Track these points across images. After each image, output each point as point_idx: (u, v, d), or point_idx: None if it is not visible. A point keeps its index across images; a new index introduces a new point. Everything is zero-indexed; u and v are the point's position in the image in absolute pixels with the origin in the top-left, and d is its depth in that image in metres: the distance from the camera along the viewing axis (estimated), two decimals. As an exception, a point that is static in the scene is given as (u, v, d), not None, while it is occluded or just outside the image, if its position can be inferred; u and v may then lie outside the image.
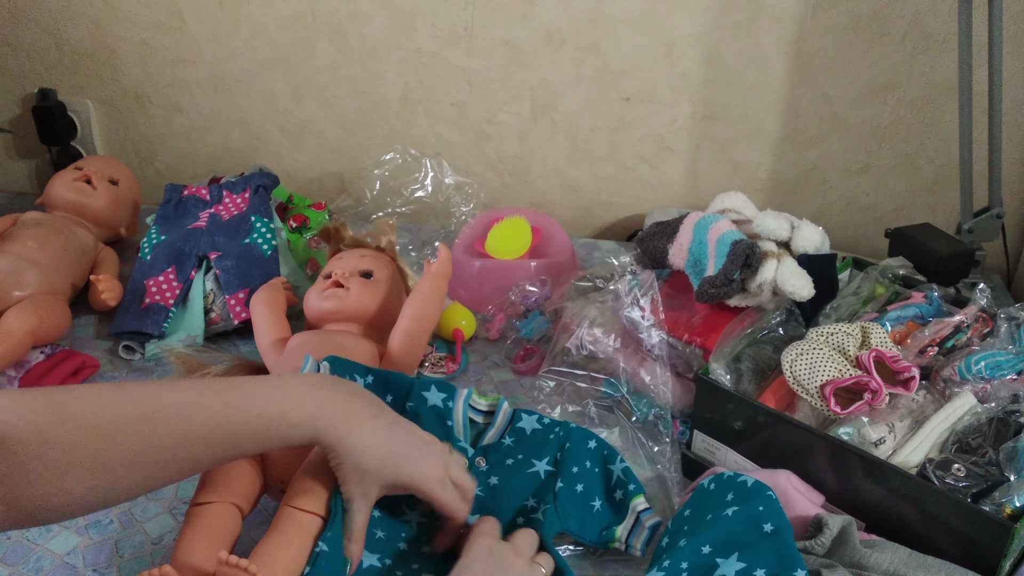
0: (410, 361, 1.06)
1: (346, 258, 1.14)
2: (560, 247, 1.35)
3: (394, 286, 1.13)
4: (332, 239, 1.21)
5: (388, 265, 1.15)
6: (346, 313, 1.08)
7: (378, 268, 1.13)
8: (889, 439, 0.85)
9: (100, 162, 1.39)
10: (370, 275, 1.11)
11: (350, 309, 1.08)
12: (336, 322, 1.08)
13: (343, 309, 1.07)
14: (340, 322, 1.08)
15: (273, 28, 1.50)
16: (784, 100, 1.44)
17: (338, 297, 1.07)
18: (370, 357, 1.03)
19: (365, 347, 1.04)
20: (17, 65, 1.60)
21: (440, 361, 1.17)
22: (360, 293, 1.08)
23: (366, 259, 1.13)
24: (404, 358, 1.05)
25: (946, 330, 0.95)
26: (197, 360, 1.03)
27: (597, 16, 1.41)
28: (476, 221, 1.38)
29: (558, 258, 1.31)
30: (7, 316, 1.09)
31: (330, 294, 1.08)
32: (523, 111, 1.52)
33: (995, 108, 1.18)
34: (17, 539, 0.88)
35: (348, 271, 1.10)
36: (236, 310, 1.19)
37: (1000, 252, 1.43)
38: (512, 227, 1.31)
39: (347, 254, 1.16)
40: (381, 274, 1.12)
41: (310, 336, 1.06)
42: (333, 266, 1.12)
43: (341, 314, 1.08)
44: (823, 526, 0.78)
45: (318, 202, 1.41)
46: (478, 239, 1.34)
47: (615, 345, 1.06)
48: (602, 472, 0.91)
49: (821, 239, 1.02)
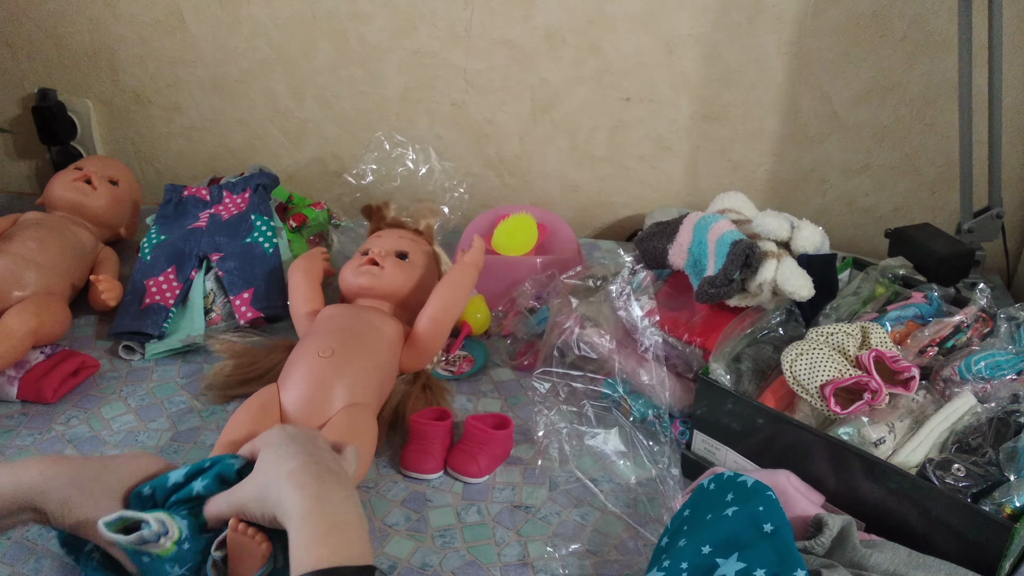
0: (433, 346, 1.11)
1: (385, 237, 1.18)
2: (566, 244, 1.36)
3: (428, 269, 1.17)
4: (374, 217, 1.25)
5: (424, 248, 1.19)
6: (378, 291, 1.12)
7: (414, 250, 1.17)
8: (889, 439, 0.85)
9: (100, 162, 1.40)
10: (405, 256, 1.16)
11: (383, 287, 1.12)
12: (368, 298, 1.12)
13: (376, 286, 1.12)
14: (372, 299, 1.12)
15: (273, 28, 1.50)
16: (784, 100, 1.44)
17: (372, 274, 1.12)
18: (396, 336, 1.08)
19: (392, 326, 1.09)
20: (17, 65, 1.60)
21: (456, 360, 1.18)
22: (394, 273, 1.13)
23: (404, 240, 1.18)
24: (427, 343, 1.09)
25: (946, 330, 0.95)
26: (242, 345, 1.09)
27: (597, 16, 1.41)
28: (482, 218, 1.39)
29: (564, 254, 1.32)
30: (7, 316, 1.09)
31: (365, 270, 1.12)
32: (523, 111, 1.52)
33: (995, 108, 1.18)
34: (17, 539, 0.88)
35: (385, 250, 1.14)
36: (241, 310, 1.19)
37: (1000, 252, 1.43)
38: (518, 224, 1.33)
39: (386, 233, 1.20)
40: (416, 256, 1.16)
41: (341, 310, 1.10)
42: (371, 243, 1.17)
43: (373, 291, 1.12)
44: (823, 526, 0.78)
45: (318, 202, 1.41)
46: (484, 236, 1.35)
47: (610, 345, 1.06)
48: None
49: (821, 239, 1.02)
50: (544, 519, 0.94)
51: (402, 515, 0.94)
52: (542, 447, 1.02)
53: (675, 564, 0.72)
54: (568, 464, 1.00)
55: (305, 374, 0.99)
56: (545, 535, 0.92)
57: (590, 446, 1.03)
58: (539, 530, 0.92)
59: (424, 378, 1.11)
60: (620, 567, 0.88)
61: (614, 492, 0.97)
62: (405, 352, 1.10)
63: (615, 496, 0.97)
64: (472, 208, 1.48)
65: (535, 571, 0.87)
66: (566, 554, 0.89)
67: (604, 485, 0.98)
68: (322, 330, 1.06)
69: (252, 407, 0.96)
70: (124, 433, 1.03)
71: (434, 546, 0.90)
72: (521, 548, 0.90)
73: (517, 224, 1.33)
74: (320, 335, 1.05)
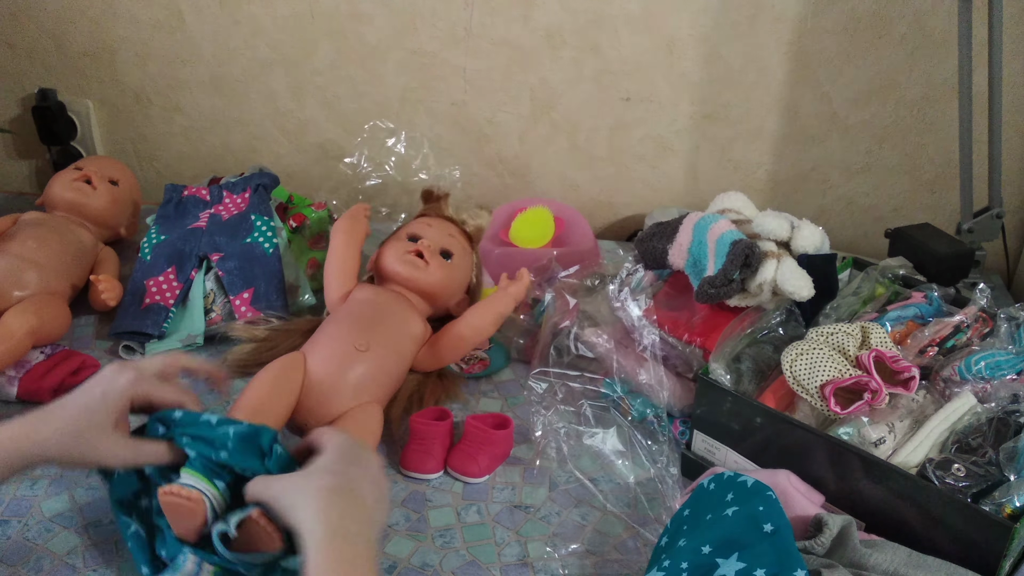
0: (453, 358, 1.12)
1: (435, 228, 1.17)
2: (582, 236, 1.38)
3: (463, 274, 1.18)
4: (431, 201, 1.25)
5: (467, 249, 1.19)
6: (417, 285, 1.12)
7: (459, 252, 1.17)
8: (889, 439, 0.85)
9: (100, 162, 1.39)
10: (450, 256, 1.15)
11: (422, 283, 1.12)
12: (402, 287, 1.13)
13: (416, 280, 1.12)
14: (407, 289, 1.13)
15: (273, 28, 1.50)
16: (784, 100, 1.44)
17: (416, 267, 1.12)
18: (421, 337, 1.10)
19: (419, 327, 1.10)
20: (17, 65, 1.60)
21: (472, 360, 1.18)
22: (437, 272, 1.13)
23: (452, 240, 1.17)
24: (447, 354, 1.11)
25: (946, 330, 0.95)
26: (262, 329, 1.11)
27: (597, 16, 1.41)
28: (500, 210, 1.41)
29: (580, 247, 1.33)
30: (7, 316, 1.09)
31: (410, 260, 1.12)
32: (523, 111, 1.52)
33: (995, 108, 1.18)
34: (17, 539, 0.88)
35: (435, 245, 1.14)
36: (241, 310, 1.19)
37: (1000, 252, 1.43)
38: (535, 217, 1.35)
39: (438, 225, 1.19)
40: (459, 259, 1.17)
41: (376, 295, 1.11)
42: (420, 230, 1.16)
43: (412, 283, 1.12)
44: (823, 526, 0.78)
45: (318, 202, 1.41)
46: (502, 228, 1.37)
47: (608, 345, 1.06)
48: None
49: (821, 239, 1.02)
50: (544, 519, 0.94)
51: (402, 515, 0.94)
52: (540, 447, 1.02)
53: (675, 564, 0.72)
54: (567, 464, 1.00)
55: (336, 358, 1.01)
56: (545, 535, 0.92)
57: (588, 446, 1.03)
58: (539, 530, 0.92)
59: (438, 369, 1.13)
60: (620, 567, 0.88)
61: (614, 492, 0.97)
62: (424, 354, 1.11)
63: (615, 496, 0.97)
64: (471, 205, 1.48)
65: (535, 571, 0.87)
66: (566, 554, 0.89)
67: (604, 485, 0.98)
68: (357, 315, 1.07)
69: (275, 369, 0.99)
70: (124, 433, 1.03)
71: (434, 546, 0.90)
72: (521, 548, 0.90)
73: (534, 217, 1.35)
74: (356, 323, 1.06)
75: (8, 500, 0.92)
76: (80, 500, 0.93)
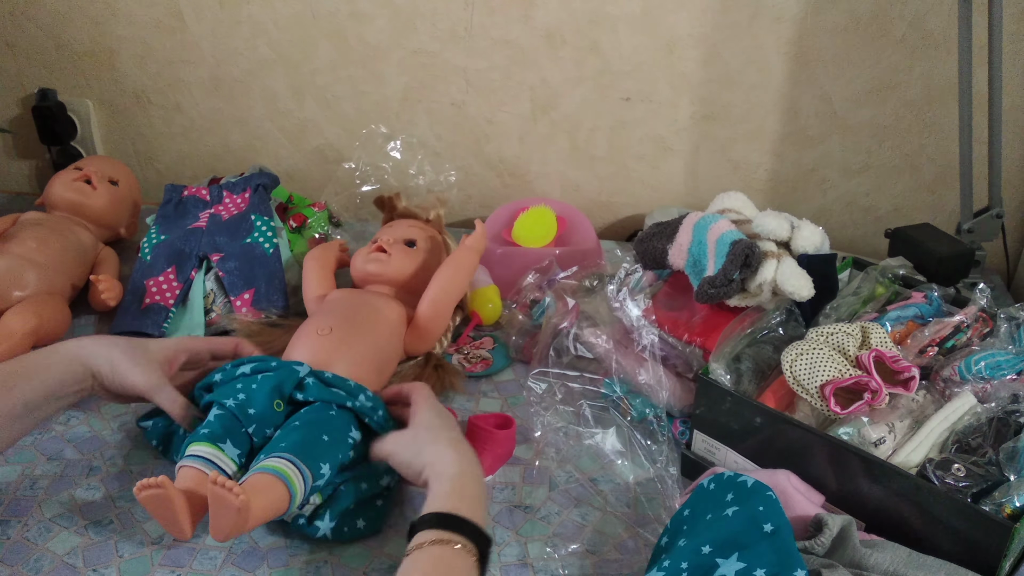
0: (434, 327, 1.14)
1: (396, 227, 1.24)
2: (585, 236, 1.38)
3: (434, 256, 1.21)
4: (386, 208, 1.31)
5: (433, 236, 1.24)
6: (385, 277, 1.16)
7: (422, 238, 1.21)
8: (889, 439, 0.85)
9: (100, 162, 1.39)
10: (414, 244, 1.20)
11: (389, 273, 1.16)
12: (377, 284, 1.17)
13: (383, 273, 1.16)
14: (380, 284, 1.17)
15: (273, 28, 1.50)
16: (784, 100, 1.44)
17: (380, 261, 1.17)
18: (398, 318, 1.12)
19: (395, 309, 1.13)
20: (17, 65, 1.60)
21: (474, 359, 1.18)
22: (401, 259, 1.17)
23: (413, 229, 1.22)
24: (428, 324, 1.13)
25: (946, 330, 0.95)
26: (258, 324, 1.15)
27: (597, 16, 1.41)
28: (502, 210, 1.42)
29: (583, 247, 1.33)
30: (7, 316, 1.09)
31: (373, 258, 1.17)
32: (523, 111, 1.52)
33: (995, 108, 1.18)
34: (17, 539, 0.88)
35: (394, 238, 1.19)
36: (242, 311, 1.19)
37: (1000, 252, 1.43)
38: (537, 216, 1.36)
39: (397, 223, 1.25)
40: (424, 243, 1.21)
41: (346, 293, 1.16)
42: (382, 233, 1.22)
43: (381, 277, 1.16)
44: (823, 526, 0.78)
45: (318, 202, 1.41)
46: (504, 228, 1.38)
47: (608, 345, 1.06)
48: None
49: (821, 239, 1.02)
50: (544, 519, 0.94)
51: (403, 515, 0.94)
52: (540, 447, 1.02)
53: (675, 564, 0.72)
54: (567, 464, 1.00)
55: (303, 351, 1.02)
56: (545, 535, 0.92)
57: (588, 446, 1.03)
58: (539, 530, 0.92)
59: (435, 360, 1.14)
60: (620, 567, 0.88)
61: (613, 492, 0.97)
62: (408, 335, 1.13)
63: (614, 496, 0.97)
64: (471, 206, 1.48)
65: (535, 571, 0.87)
66: (566, 554, 0.89)
67: (603, 485, 0.98)
68: (325, 311, 1.10)
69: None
70: (125, 433, 1.03)
71: (434, 546, 0.90)
72: (521, 548, 0.90)
73: (537, 216, 1.36)
74: (322, 315, 1.09)
75: (8, 500, 0.92)
76: (80, 500, 0.93)
